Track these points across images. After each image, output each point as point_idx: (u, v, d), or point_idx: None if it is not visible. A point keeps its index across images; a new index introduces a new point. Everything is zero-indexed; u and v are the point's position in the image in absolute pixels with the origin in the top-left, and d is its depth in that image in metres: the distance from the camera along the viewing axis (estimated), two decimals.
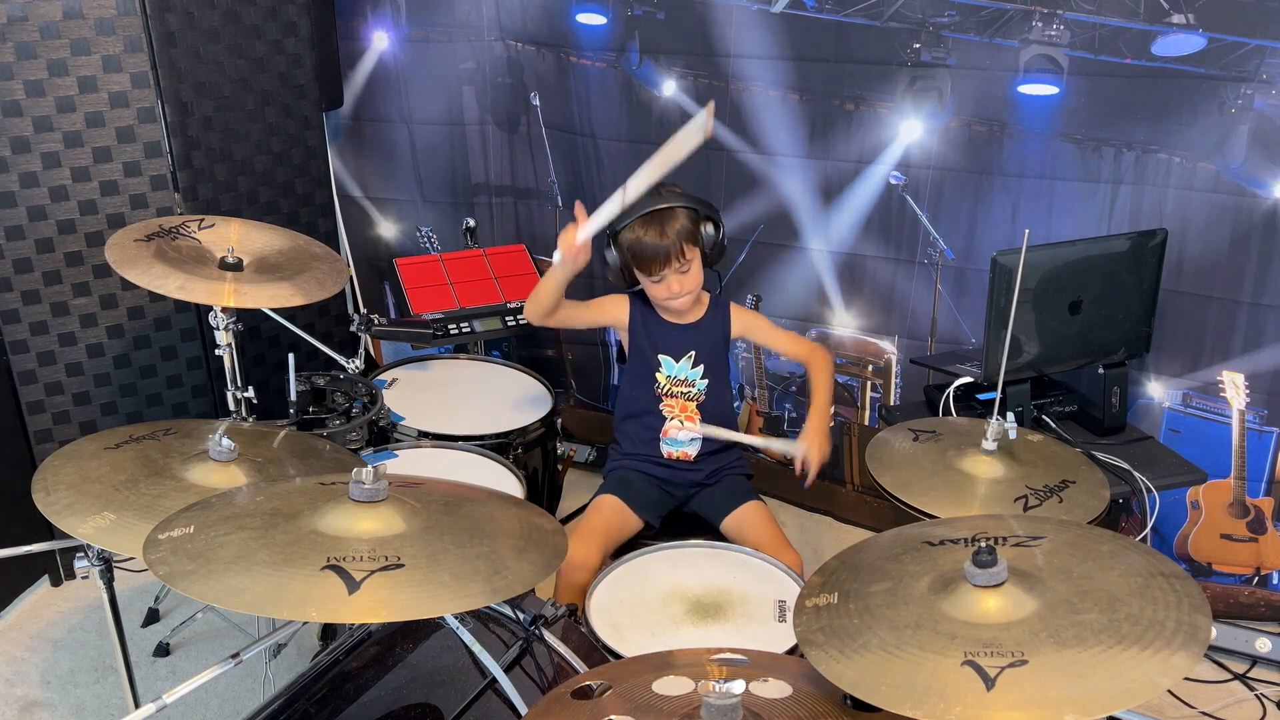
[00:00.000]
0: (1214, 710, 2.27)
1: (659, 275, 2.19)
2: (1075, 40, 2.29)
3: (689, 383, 2.31)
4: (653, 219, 2.17)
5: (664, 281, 2.20)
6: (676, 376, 2.31)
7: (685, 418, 2.32)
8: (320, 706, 1.50)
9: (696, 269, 2.21)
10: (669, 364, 2.31)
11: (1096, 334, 2.21)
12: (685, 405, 2.32)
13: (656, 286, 2.22)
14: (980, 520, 1.42)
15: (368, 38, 2.98)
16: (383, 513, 1.33)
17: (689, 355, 2.30)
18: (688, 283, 2.20)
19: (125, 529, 1.48)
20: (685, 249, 2.16)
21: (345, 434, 2.19)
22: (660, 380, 2.31)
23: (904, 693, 1.10)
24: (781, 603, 1.90)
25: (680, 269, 2.18)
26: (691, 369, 2.31)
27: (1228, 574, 2.55)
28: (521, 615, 1.65)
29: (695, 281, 2.22)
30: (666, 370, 2.31)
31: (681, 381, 2.32)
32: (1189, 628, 1.12)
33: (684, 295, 2.21)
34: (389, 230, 3.19)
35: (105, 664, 2.38)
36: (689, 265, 2.19)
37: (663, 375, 2.31)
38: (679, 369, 2.31)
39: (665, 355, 2.31)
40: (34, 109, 2.31)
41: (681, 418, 2.32)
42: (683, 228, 2.16)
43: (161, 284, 1.94)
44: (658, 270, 2.18)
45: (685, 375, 2.31)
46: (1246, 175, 2.24)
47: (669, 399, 2.32)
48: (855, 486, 2.94)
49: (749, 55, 2.60)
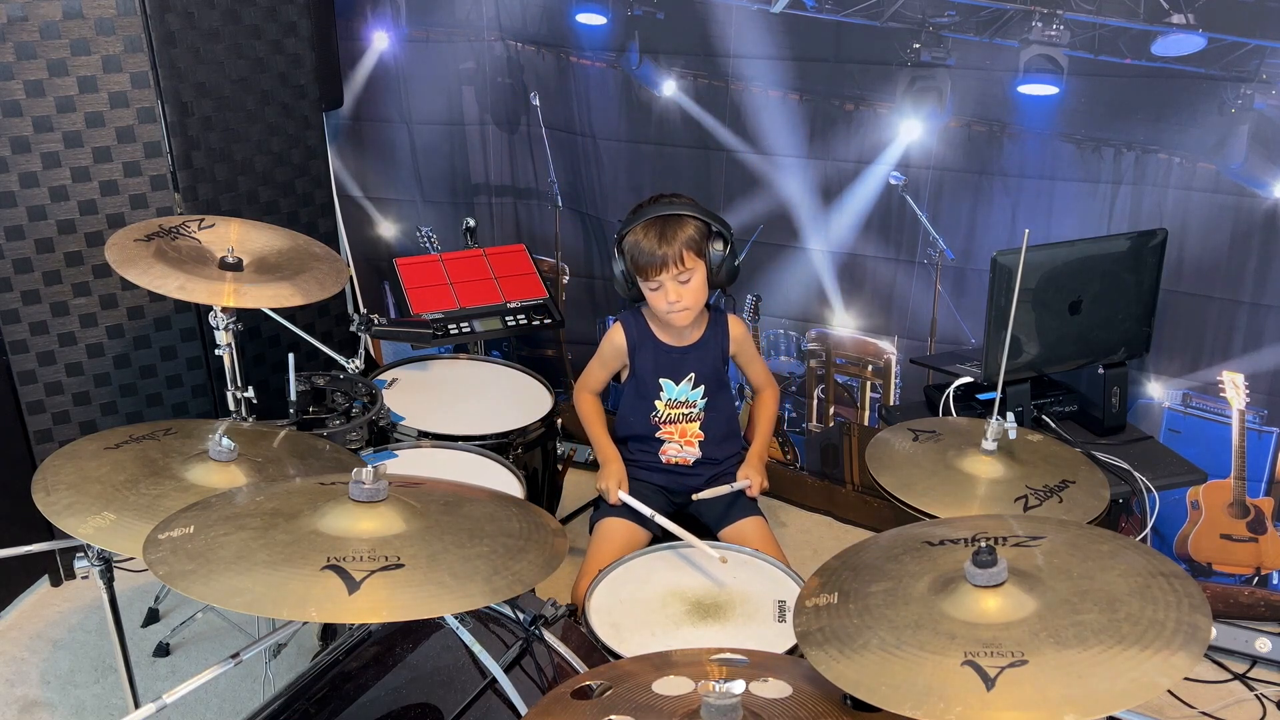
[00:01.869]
0: (1214, 710, 2.27)
1: (656, 281, 2.17)
2: (1075, 40, 2.29)
3: (689, 403, 2.32)
4: (658, 224, 2.16)
5: (662, 289, 2.18)
6: (677, 399, 2.31)
7: (684, 442, 2.34)
8: (320, 706, 1.50)
9: (698, 283, 2.19)
10: (669, 387, 2.31)
11: (1096, 334, 2.21)
12: (685, 429, 2.33)
13: (655, 294, 2.20)
14: (980, 520, 1.42)
15: (368, 38, 2.98)
16: (383, 513, 1.33)
17: (689, 378, 2.30)
18: (686, 295, 2.18)
19: (125, 529, 1.48)
20: (686, 257, 2.15)
21: (345, 434, 2.19)
22: (659, 408, 2.32)
23: (904, 693, 1.10)
24: (781, 603, 1.90)
25: (679, 277, 2.16)
26: (692, 390, 2.31)
27: (1228, 574, 2.55)
28: (521, 615, 1.65)
29: (694, 296, 2.20)
30: (667, 393, 2.31)
31: (681, 403, 2.32)
32: (1189, 628, 1.12)
33: (682, 308, 2.19)
34: (389, 230, 3.19)
35: (105, 664, 2.38)
36: (689, 275, 2.17)
37: (662, 401, 2.31)
38: (679, 391, 2.31)
39: (666, 379, 2.31)
40: (34, 109, 2.31)
41: (680, 443, 2.33)
42: (688, 237, 2.15)
43: (161, 284, 1.94)
44: (654, 275, 2.16)
45: (685, 397, 2.32)
46: (1246, 175, 2.24)
47: (667, 425, 2.33)
48: (855, 486, 2.94)
49: (749, 55, 2.60)
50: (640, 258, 2.16)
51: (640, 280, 2.20)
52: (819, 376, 2.87)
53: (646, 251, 2.15)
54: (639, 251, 2.16)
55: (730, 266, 2.23)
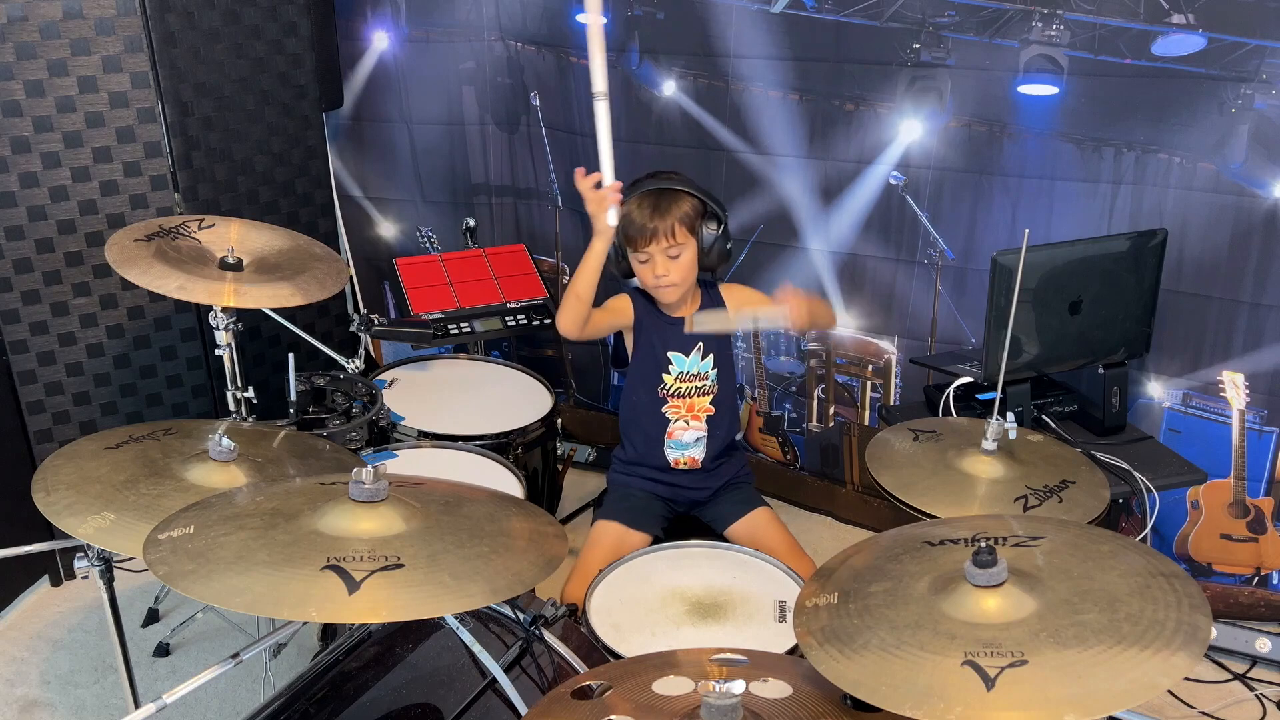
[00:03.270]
0: (1214, 710, 2.27)
1: (646, 254, 2.16)
2: (1075, 40, 2.29)
3: (701, 375, 2.29)
4: (653, 196, 2.15)
5: (650, 262, 2.16)
6: (689, 371, 2.29)
7: (691, 417, 2.31)
8: (320, 706, 1.50)
9: (688, 260, 2.18)
10: (680, 360, 2.28)
11: (1096, 334, 2.21)
12: (693, 403, 2.30)
13: (643, 267, 2.18)
14: (980, 520, 1.42)
15: (368, 38, 2.98)
16: (382, 513, 1.33)
17: (698, 348, 2.28)
18: (674, 270, 2.16)
19: (125, 529, 1.48)
20: (678, 231, 2.13)
21: (345, 434, 2.19)
22: (667, 381, 2.29)
23: (904, 693, 1.10)
24: (781, 603, 1.90)
25: (668, 251, 2.14)
26: (702, 361, 2.29)
27: (1228, 574, 2.55)
28: (521, 615, 1.65)
29: (682, 273, 2.18)
30: (678, 366, 2.28)
31: (694, 376, 2.29)
32: (1189, 628, 1.12)
33: (669, 283, 2.17)
34: (389, 230, 3.20)
35: (105, 664, 2.38)
36: (679, 251, 2.15)
37: (671, 375, 2.29)
38: (690, 363, 2.28)
39: (675, 352, 2.29)
40: (34, 109, 2.31)
41: (688, 418, 2.31)
42: (682, 213, 2.14)
43: (161, 284, 1.94)
44: (643, 247, 2.14)
45: (697, 369, 2.29)
46: (1246, 175, 2.24)
47: (675, 399, 2.30)
48: (855, 486, 2.94)
49: (749, 55, 2.60)
50: (631, 228, 2.14)
51: (630, 251, 2.18)
52: (819, 376, 2.87)
53: (638, 223, 2.13)
54: (630, 222, 2.14)
55: (722, 248, 2.21)
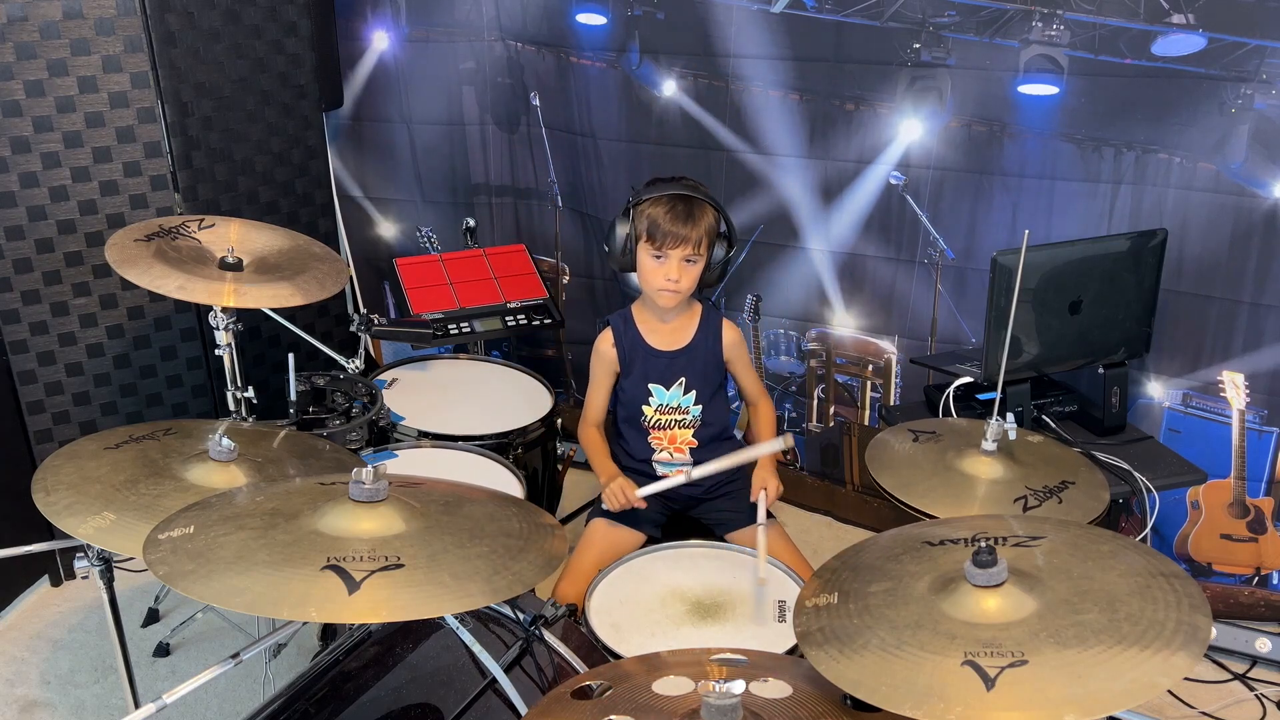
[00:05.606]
0: (1214, 710, 2.27)
1: (665, 254, 2.13)
2: (1075, 40, 2.29)
3: (682, 409, 2.27)
4: (684, 202, 2.13)
5: (666, 263, 2.14)
6: (668, 404, 2.27)
7: (674, 449, 2.29)
8: (320, 706, 1.50)
9: (698, 271, 2.17)
10: (660, 392, 2.27)
11: (1096, 334, 2.21)
12: (675, 435, 2.28)
13: (656, 265, 2.15)
14: (980, 520, 1.42)
15: (368, 38, 2.98)
16: (382, 513, 1.33)
17: (679, 382, 2.27)
18: (684, 278, 2.15)
19: (125, 529, 1.48)
20: (703, 244, 2.14)
21: (345, 434, 2.19)
22: (648, 413, 2.27)
23: (904, 693, 1.10)
24: (781, 603, 1.90)
25: (688, 257, 2.14)
26: (684, 395, 2.27)
27: (1228, 574, 2.55)
28: (521, 615, 1.65)
29: (689, 282, 2.17)
30: (658, 398, 2.27)
31: (674, 409, 2.27)
32: (1189, 628, 1.12)
33: (677, 289, 2.16)
34: (389, 230, 3.19)
35: (105, 664, 2.38)
36: (698, 260, 2.15)
37: (651, 407, 2.27)
38: (670, 396, 2.27)
39: (655, 384, 2.27)
40: (34, 109, 2.31)
41: (670, 449, 2.29)
42: (709, 225, 2.14)
43: (161, 284, 1.94)
44: (667, 248, 2.12)
45: (677, 402, 2.27)
46: (1246, 175, 2.24)
47: (657, 431, 2.28)
48: (855, 486, 2.94)
49: (749, 55, 2.60)
50: (658, 229, 2.11)
51: (648, 247, 2.14)
52: (819, 376, 2.87)
53: (666, 225, 2.10)
54: (659, 222, 2.11)
55: (722, 271, 2.21)
